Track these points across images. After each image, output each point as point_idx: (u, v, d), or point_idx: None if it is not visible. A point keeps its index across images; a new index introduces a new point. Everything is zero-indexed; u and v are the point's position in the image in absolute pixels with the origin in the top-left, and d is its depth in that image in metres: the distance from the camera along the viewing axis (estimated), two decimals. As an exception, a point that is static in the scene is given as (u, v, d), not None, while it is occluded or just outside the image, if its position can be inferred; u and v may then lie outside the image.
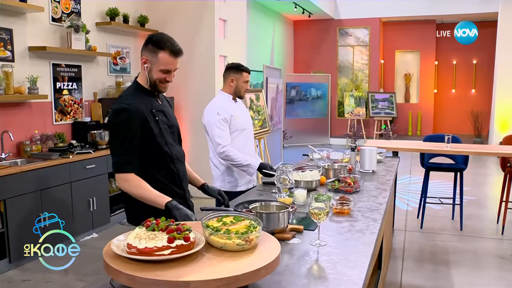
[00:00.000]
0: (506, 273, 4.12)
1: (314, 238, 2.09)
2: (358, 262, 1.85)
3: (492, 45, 11.38)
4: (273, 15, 11.86)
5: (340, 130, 12.92)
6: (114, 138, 2.34)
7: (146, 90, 2.42)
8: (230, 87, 3.48)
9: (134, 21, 6.42)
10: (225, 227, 1.72)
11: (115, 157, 2.31)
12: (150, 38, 2.37)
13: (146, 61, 2.35)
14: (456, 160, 5.38)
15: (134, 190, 2.29)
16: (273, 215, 2.13)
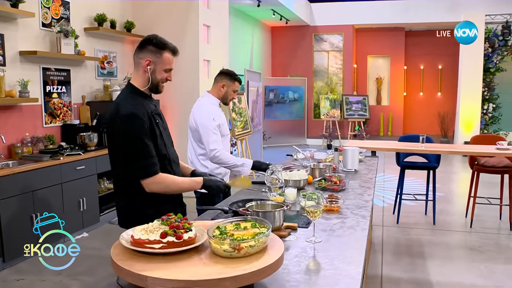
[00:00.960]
0: (476, 263, 4.21)
1: (308, 235, 2.09)
2: (353, 257, 1.86)
3: (456, 52, 11.63)
4: (252, 21, 11.87)
5: (316, 131, 13.00)
6: (131, 144, 2.20)
7: (141, 93, 2.34)
8: (219, 91, 3.40)
9: (121, 26, 6.33)
10: (232, 232, 1.64)
11: (138, 163, 2.20)
12: (149, 41, 2.30)
13: (149, 63, 2.28)
14: (429, 159, 5.47)
15: (169, 189, 2.33)
16: (269, 213, 2.12)
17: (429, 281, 3.79)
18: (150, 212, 2.21)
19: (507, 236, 4.95)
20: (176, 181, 2.35)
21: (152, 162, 2.24)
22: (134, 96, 2.32)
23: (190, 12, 6.52)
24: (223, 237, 1.58)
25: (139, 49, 2.33)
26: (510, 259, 4.34)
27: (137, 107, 2.25)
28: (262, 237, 1.55)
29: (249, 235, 1.59)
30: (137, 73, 2.34)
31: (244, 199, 2.58)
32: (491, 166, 5.14)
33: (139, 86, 2.35)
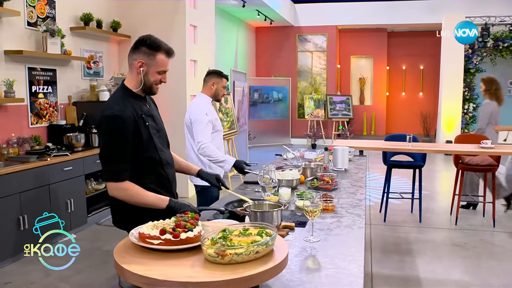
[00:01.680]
0: (463, 259, 4.28)
1: (306, 235, 2.10)
2: (354, 256, 1.86)
3: (437, 53, 11.79)
4: (237, 22, 11.85)
5: (300, 130, 13.05)
6: (107, 145, 2.18)
7: (134, 94, 2.30)
8: (210, 89, 3.64)
9: (107, 26, 6.25)
10: (233, 237, 1.58)
11: (109, 165, 2.17)
12: (142, 41, 2.26)
13: (142, 65, 2.24)
14: (415, 158, 5.54)
15: (132, 199, 2.21)
16: (267, 213, 2.12)
17: (418, 278, 3.84)
18: (142, 210, 2.23)
19: (491, 233, 5.03)
20: (140, 193, 2.20)
21: (121, 168, 2.16)
22: (125, 97, 2.27)
23: (177, 12, 6.48)
24: (214, 241, 1.54)
25: (133, 50, 2.28)
26: (494, 255, 4.42)
27: (123, 108, 2.18)
28: (255, 247, 1.47)
29: (245, 242, 1.51)
30: (131, 74, 2.30)
31: (240, 200, 2.58)
32: (475, 165, 5.23)
33: (132, 87, 2.30)
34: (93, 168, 5.27)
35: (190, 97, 6.71)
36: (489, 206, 5.50)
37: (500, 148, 4.94)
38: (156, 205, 2.22)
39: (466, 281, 3.79)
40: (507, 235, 4.92)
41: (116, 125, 2.14)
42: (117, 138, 2.15)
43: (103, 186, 5.53)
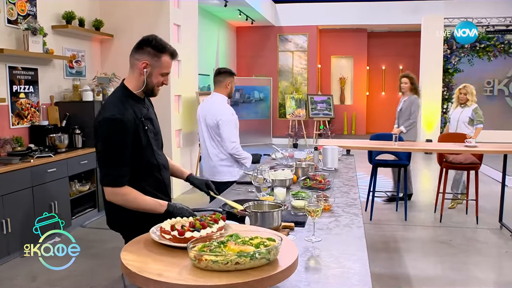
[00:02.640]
0: (449, 256, 4.35)
1: (306, 235, 2.10)
2: (357, 255, 1.87)
3: (416, 53, 11.99)
4: (218, 21, 11.81)
5: (281, 130, 13.09)
6: (107, 149, 2.12)
7: (134, 95, 2.26)
8: (226, 88, 3.79)
9: (90, 25, 6.13)
10: (232, 243, 1.51)
11: (108, 169, 2.12)
12: (147, 42, 2.20)
13: (146, 66, 2.19)
14: (400, 157, 5.61)
15: (129, 204, 2.16)
16: (267, 214, 2.12)
17: (408, 275, 3.89)
18: (139, 213, 2.19)
19: (474, 230, 5.14)
20: (138, 198, 2.16)
21: (120, 173, 2.12)
22: (125, 98, 2.22)
23: (160, 11, 6.41)
24: (205, 244, 1.51)
25: (136, 49, 2.22)
26: (478, 251, 4.51)
27: (123, 111, 2.13)
28: (234, 257, 1.38)
29: (234, 250, 1.45)
30: (133, 74, 2.25)
31: (237, 200, 2.57)
32: (458, 163, 5.33)
33: (133, 88, 2.25)
34: (77, 169, 5.17)
35: (174, 97, 6.66)
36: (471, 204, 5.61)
37: (484, 146, 5.04)
38: (154, 210, 2.18)
39: (454, 278, 3.86)
40: (490, 232, 5.03)
41: (116, 128, 2.09)
42: (117, 142, 2.10)
43: (87, 187, 5.43)
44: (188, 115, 7.21)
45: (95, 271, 3.97)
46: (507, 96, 12.38)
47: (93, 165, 5.44)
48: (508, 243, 4.69)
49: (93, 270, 3.97)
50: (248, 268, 1.40)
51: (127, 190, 2.14)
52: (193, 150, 7.48)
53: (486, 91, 12.39)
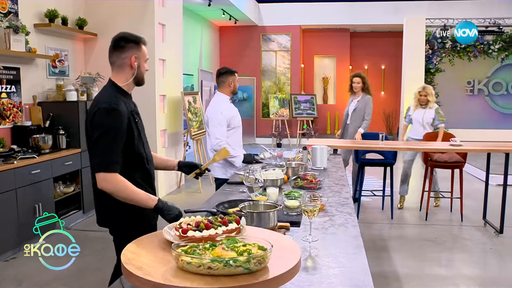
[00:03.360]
0: (437, 254, 4.42)
1: (302, 235, 2.10)
2: (356, 254, 1.89)
3: (398, 53, 12.12)
4: (201, 21, 11.75)
5: (264, 130, 13.10)
6: (101, 137, 2.18)
7: (123, 91, 2.37)
8: (229, 87, 3.98)
9: (73, 23, 6.04)
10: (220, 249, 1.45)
11: (100, 157, 2.17)
12: (125, 39, 2.34)
13: (135, 58, 2.34)
14: (386, 156, 5.67)
15: (120, 192, 2.18)
16: (264, 214, 2.12)
17: (397, 273, 3.93)
18: (127, 206, 2.24)
19: (459, 227, 5.23)
20: (129, 187, 2.19)
21: (113, 160, 2.18)
22: (116, 94, 2.33)
23: (145, 10, 6.35)
24: (193, 245, 1.48)
25: (119, 49, 2.34)
26: (464, 248, 4.59)
27: (118, 102, 2.26)
28: (206, 261, 1.34)
29: (216, 254, 1.40)
30: (122, 71, 2.36)
31: (230, 200, 2.56)
32: (443, 162, 5.41)
33: (122, 84, 2.37)
34: (61, 170, 5.09)
35: (159, 97, 6.60)
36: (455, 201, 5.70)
37: (468, 145, 5.12)
38: (144, 203, 2.22)
39: (442, 275, 3.92)
40: (474, 229, 5.12)
41: (112, 117, 2.19)
42: (113, 130, 2.19)
43: (72, 189, 5.35)
44: (173, 115, 7.17)
45: (83, 273, 3.91)
46: (486, 96, 12.64)
47: (78, 166, 5.37)
48: (492, 240, 4.78)
49: (81, 273, 3.91)
50: (226, 274, 1.35)
51: (118, 177, 2.18)
52: (178, 150, 7.43)
53: (466, 91, 12.64)
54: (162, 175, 6.67)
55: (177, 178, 7.38)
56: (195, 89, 10.60)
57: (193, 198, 6.60)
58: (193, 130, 7.25)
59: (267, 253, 1.38)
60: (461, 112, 12.21)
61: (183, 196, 6.78)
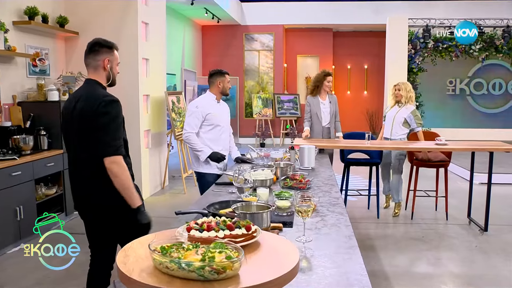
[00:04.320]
0: (423, 252, 4.47)
1: (296, 235, 2.10)
2: (350, 254, 1.89)
3: (381, 52, 12.23)
4: (184, 20, 11.68)
5: (247, 130, 13.10)
6: (109, 125, 2.47)
7: (105, 89, 2.67)
8: (218, 88, 4.16)
9: (53, 21, 5.93)
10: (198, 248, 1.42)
11: (111, 142, 2.45)
12: (99, 44, 2.61)
13: (108, 61, 2.61)
14: (372, 155, 5.72)
15: (121, 175, 2.44)
16: (257, 215, 2.10)
17: (385, 272, 3.96)
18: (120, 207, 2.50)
19: (445, 226, 5.30)
20: (128, 175, 2.50)
21: (120, 144, 2.51)
22: (102, 90, 2.63)
23: (128, 9, 6.28)
24: (176, 244, 1.47)
25: (94, 52, 2.61)
26: (450, 246, 4.66)
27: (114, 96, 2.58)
28: (164, 261, 1.34)
29: (185, 256, 1.37)
30: (98, 73, 2.63)
31: (221, 201, 2.55)
32: (428, 161, 5.48)
33: (105, 84, 2.67)
34: (43, 172, 5.00)
35: (142, 97, 6.54)
36: (440, 200, 5.78)
37: (452, 144, 5.19)
38: (132, 196, 2.49)
39: (430, 273, 3.97)
40: (460, 227, 5.20)
41: (116, 107, 2.52)
42: (117, 119, 2.52)
43: (54, 191, 5.26)
44: (156, 115, 7.10)
45: (67, 278, 3.84)
46: (468, 95, 12.88)
47: (60, 167, 5.28)
48: (477, 237, 4.86)
49: (65, 277, 3.84)
50: (181, 277, 1.32)
51: (123, 162, 2.48)
52: (162, 151, 7.37)
53: (448, 91, 12.85)
54: (146, 176, 6.61)
55: (161, 179, 7.32)
56: (177, 88, 10.54)
57: (178, 199, 6.54)
58: (177, 130, 7.20)
59: (230, 264, 1.30)
60: (443, 112, 12.43)
61: (167, 197, 6.72)
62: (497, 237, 4.88)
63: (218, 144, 4.16)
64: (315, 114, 5.70)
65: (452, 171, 8.00)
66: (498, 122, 12.83)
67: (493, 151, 4.86)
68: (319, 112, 5.67)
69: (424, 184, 6.12)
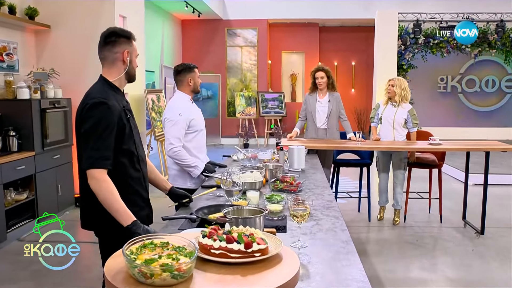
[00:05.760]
0: (418, 257, 4.50)
1: (290, 240, 2.09)
2: (349, 260, 1.89)
3: (368, 48, 12.33)
4: (162, 13, 11.60)
5: (230, 130, 13.07)
6: (91, 132, 2.23)
7: (115, 87, 2.42)
8: (189, 86, 3.75)
9: (22, 13, 5.81)
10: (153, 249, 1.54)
11: (91, 152, 2.20)
12: (116, 34, 2.39)
13: (128, 53, 2.40)
14: (362, 156, 5.74)
15: (102, 193, 2.16)
16: (249, 220, 2.08)
17: (378, 278, 3.98)
18: None
19: (439, 229, 5.36)
20: (114, 193, 2.17)
21: (102, 155, 2.21)
22: (106, 89, 2.38)
23: (104, 1, 6.19)
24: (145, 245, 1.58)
25: (110, 44, 2.38)
26: (445, 250, 4.71)
27: (107, 96, 2.30)
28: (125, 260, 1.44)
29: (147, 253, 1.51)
30: (113, 67, 2.41)
31: (210, 205, 2.53)
32: (421, 161, 5.52)
33: (114, 78, 2.42)
34: (12, 176, 4.90)
35: (120, 95, 6.45)
36: (433, 202, 5.84)
37: (446, 144, 5.24)
38: (119, 216, 2.16)
39: (426, 278, 4.00)
40: (455, 230, 5.26)
41: (101, 111, 2.24)
42: (102, 124, 2.23)
43: (25, 196, 5.15)
44: (135, 114, 6.94)
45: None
46: (460, 93, 13.04)
47: (32, 170, 5.18)
48: (473, 241, 4.92)
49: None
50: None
51: (105, 177, 2.19)
52: (141, 153, 7.28)
53: (439, 88, 13.00)
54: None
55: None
56: (156, 86, 10.46)
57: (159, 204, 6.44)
58: (157, 131, 7.14)
59: (159, 272, 1.37)
60: (434, 110, 12.58)
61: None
62: (494, 241, 4.94)
63: (202, 151, 3.84)
64: (310, 113, 5.67)
65: (445, 171, 8.10)
66: (491, 121, 12.97)
67: (489, 151, 4.92)
68: (314, 112, 5.61)
69: (416, 185, 6.18)
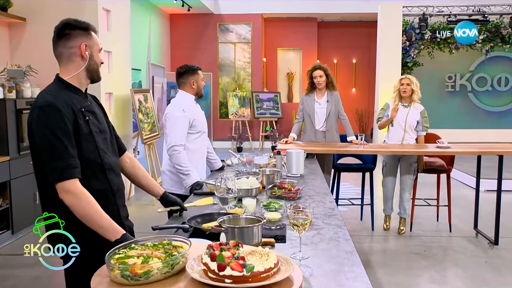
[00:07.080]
0: (427, 269, 4.51)
1: (291, 251, 2.08)
2: (355, 272, 1.88)
3: (370, 45, 12.35)
4: (149, 7, 11.58)
5: (222, 132, 13.05)
6: (45, 140, 2.08)
7: (73, 87, 2.28)
8: (192, 89, 3.80)
9: (-7, 5, 5.80)
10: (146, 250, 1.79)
11: (53, 163, 2.06)
12: (70, 25, 2.25)
13: (86, 47, 2.24)
14: (364, 160, 5.74)
15: (81, 208, 2.05)
16: (246, 229, 2.08)
17: (385, 292, 3.98)
18: (87, 229, 2.08)
19: (448, 239, 5.36)
20: (94, 207, 2.07)
21: (70, 163, 2.08)
22: (60, 89, 2.24)
23: (86, -7, 6.19)
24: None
25: (64, 37, 2.25)
26: (456, 261, 4.71)
27: (58, 98, 2.16)
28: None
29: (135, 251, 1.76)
30: (71, 64, 2.27)
31: (203, 214, 2.52)
32: (428, 166, 5.52)
33: (69, 76, 2.27)
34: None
35: (104, 95, 6.44)
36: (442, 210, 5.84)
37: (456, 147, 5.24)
38: (104, 232, 2.06)
39: (435, 292, 4.00)
40: (466, 240, 5.26)
41: (52, 114, 2.10)
42: (56, 129, 2.09)
43: None
44: (121, 116, 7.01)
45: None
46: (469, 92, 13.01)
47: (6, 177, 5.14)
48: (487, 252, 4.91)
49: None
50: None
51: (80, 189, 2.07)
52: (126, 157, 7.25)
53: (447, 87, 12.98)
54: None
55: (127, 189, 7.20)
56: (143, 85, 10.42)
57: (146, 212, 6.46)
58: (144, 133, 7.11)
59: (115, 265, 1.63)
60: (442, 111, 12.57)
61: (133, 210, 6.61)
62: (509, 252, 4.92)
63: (203, 156, 3.90)
64: (308, 115, 5.65)
65: (454, 177, 8.12)
66: (504, 122, 12.82)
67: (503, 155, 4.91)
68: (312, 113, 5.61)
69: (423, 192, 6.18)
